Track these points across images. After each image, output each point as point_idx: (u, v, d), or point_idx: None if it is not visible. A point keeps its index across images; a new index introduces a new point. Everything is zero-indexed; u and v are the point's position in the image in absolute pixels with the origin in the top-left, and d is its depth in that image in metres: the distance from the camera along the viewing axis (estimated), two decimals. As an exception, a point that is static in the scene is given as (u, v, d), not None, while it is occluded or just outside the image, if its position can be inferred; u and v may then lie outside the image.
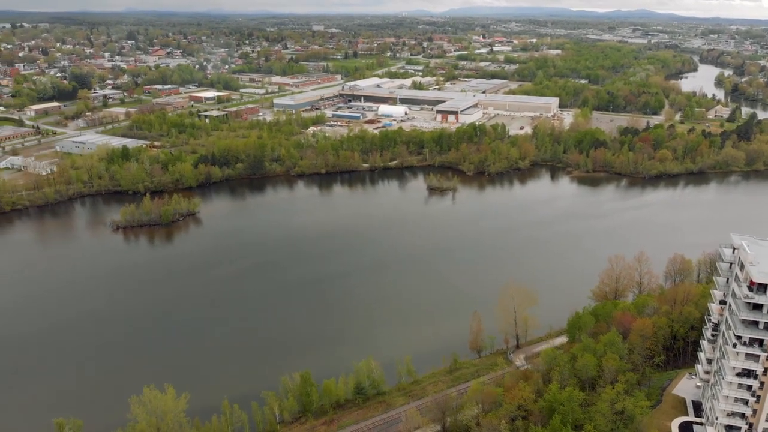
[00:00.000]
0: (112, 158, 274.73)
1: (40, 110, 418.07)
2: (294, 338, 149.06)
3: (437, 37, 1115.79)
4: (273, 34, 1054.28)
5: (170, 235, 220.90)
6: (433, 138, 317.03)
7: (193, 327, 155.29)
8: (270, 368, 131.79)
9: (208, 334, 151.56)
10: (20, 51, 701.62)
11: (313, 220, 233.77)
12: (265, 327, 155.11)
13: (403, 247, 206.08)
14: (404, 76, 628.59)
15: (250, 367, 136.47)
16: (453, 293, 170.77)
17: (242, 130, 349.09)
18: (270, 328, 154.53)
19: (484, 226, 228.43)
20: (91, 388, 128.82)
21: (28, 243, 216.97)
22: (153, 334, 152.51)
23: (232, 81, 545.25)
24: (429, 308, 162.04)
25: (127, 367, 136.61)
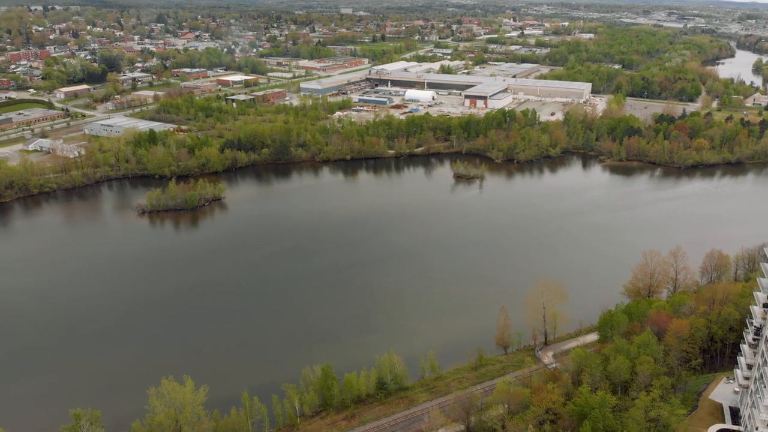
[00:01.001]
0: (138, 142, 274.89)
1: (69, 93, 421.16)
2: (315, 328, 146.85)
3: (467, 20, 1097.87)
4: (301, 17, 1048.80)
5: (195, 221, 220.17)
6: (460, 124, 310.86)
7: (214, 314, 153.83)
8: (291, 359, 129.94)
9: (230, 322, 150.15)
10: (51, 33, 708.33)
11: (338, 207, 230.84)
12: (287, 316, 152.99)
13: (428, 237, 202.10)
14: (432, 59, 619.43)
15: (270, 357, 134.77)
16: (479, 285, 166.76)
17: (269, 115, 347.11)
18: (291, 316, 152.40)
19: (513, 215, 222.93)
20: (109, 377, 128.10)
21: (55, 226, 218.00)
22: (173, 321, 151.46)
23: (259, 65, 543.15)
24: (454, 300, 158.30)
25: (146, 356, 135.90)
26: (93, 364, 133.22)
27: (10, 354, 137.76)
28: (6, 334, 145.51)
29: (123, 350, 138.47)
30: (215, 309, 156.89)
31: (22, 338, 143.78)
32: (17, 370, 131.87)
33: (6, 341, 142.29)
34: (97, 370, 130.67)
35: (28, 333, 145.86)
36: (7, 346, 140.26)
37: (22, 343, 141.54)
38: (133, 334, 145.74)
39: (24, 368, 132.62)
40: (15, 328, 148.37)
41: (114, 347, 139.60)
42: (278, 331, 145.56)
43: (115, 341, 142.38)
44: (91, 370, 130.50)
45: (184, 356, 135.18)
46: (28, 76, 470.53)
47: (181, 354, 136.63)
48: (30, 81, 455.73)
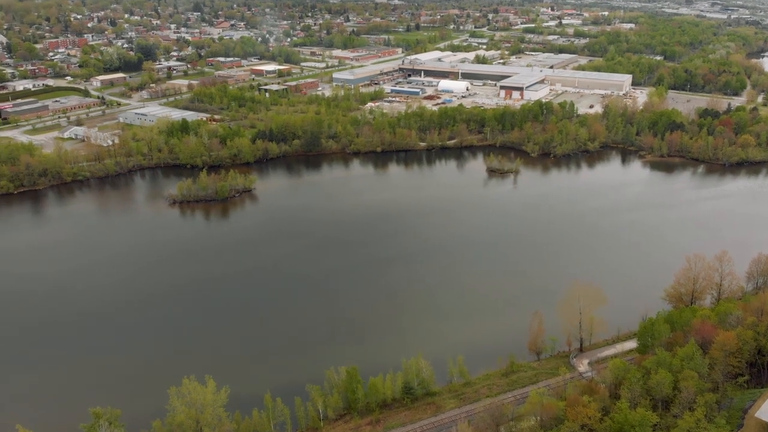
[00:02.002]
0: (171, 131, 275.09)
1: (105, 81, 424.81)
2: (340, 326, 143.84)
3: (503, 9, 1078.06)
4: (336, 6, 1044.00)
5: (225, 212, 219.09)
6: (495, 116, 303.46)
7: (238, 309, 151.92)
8: (314, 359, 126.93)
9: (253, 317, 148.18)
10: (89, 21, 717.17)
11: (367, 200, 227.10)
12: (311, 312, 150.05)
13: (458, 233, 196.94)
14: (467, 49, 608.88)
15: (293, 355, 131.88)
16: (512, 286, 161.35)
17: (301, 105, 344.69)
18: (316, 313, 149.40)
19: (548, 212, 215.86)
20: (129, 372, 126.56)
21: (86, 214, 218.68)
22: (197, 315, 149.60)
23: (293, 54, 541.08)
24: (484, 301, 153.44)
25: (167, 351, 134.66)
26: (113, 357, 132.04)
27: (31, 343, 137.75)
28: (28, 323, 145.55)
29: (144, 344, 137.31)
30: (239, 304, 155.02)
31: (43, 327, 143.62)
32: (37, 360, 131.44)
33: (28, 330, 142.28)
34: (117, 364, 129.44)
35: (50, 322, 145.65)
36: (29, 336, 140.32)
37: (43, 333, 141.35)
38: (156, 327, 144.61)
39: (44, 359, 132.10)
40: (37, 316, 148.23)
41: (135, 341, 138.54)
42: (302, 329, 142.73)
43: (136, 335, 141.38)
44: (111, 364, 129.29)
45: (206, 352, 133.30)
46: (65, 63, 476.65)
47: (202, 350, 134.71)
48: (67, 69, 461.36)
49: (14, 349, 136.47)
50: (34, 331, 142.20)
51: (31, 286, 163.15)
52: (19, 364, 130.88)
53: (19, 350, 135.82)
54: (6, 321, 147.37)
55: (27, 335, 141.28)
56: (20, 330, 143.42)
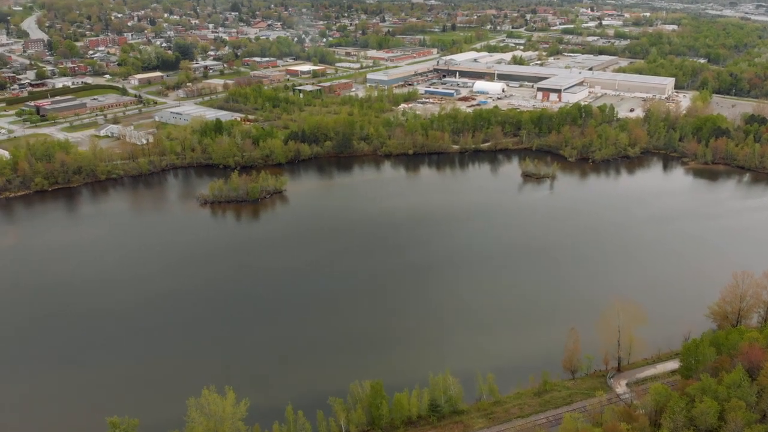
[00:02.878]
0: (205, 131, 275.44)
1: (143, 79, 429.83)
2: (365, 336, 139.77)
3: (541, 9, 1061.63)
4: (372, 6, 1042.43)
5: (256, 213, 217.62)
6: (531, 118, 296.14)
7: (262, 315, 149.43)
8: (337, 370, 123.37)
9: (277, 324, 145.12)
10: (129, 20, 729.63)
11: (397, 204, 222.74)
12: (337, 320, 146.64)
13: (491, 240, 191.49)
14: (504, 50, 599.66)
15: (315, 366, 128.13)
16: (546, 299, 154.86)
17: (334, 106, 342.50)
18: (341, 322, 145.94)
19: (586, 221, 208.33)
20: (147, 379, 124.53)
21: (117, 213, 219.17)
22: (219, 320, 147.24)
23: (328, 55, 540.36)
24: (517, 314, 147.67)
25: (187, 357, 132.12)
26: (132, 361, 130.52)
27: (51, 345, 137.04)
28: (48, 323, 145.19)
29: (164, 348, 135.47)
30: (263, 308, 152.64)
31: (63, 328, 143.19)
32: (55, 363, 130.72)
33: (47, 331, 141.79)
34: (136, 368, 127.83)
35: (71, 323, 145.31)
36: (48, 336, 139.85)
37: (62, 334, 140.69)
38: (177, 331, 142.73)
39: (62, 361, 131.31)
40: (58, 317, 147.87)
41: (155, 345, 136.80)
42: (325, 337, 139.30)
43: (157, 338, 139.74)
44: (130, 369, 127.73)
45: (227, 359, 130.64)
46: (104, 62, 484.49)
47: (223, 356, 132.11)
48: (106, 67, 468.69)
49: (32, 349, 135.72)
50: (54, 332, 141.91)
51: (55, 285, 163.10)
52: (39, 366, 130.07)
53: (39, 351, 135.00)
54: (24, 320, 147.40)
55: (47, 336, 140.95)
56: (39, 330, 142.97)
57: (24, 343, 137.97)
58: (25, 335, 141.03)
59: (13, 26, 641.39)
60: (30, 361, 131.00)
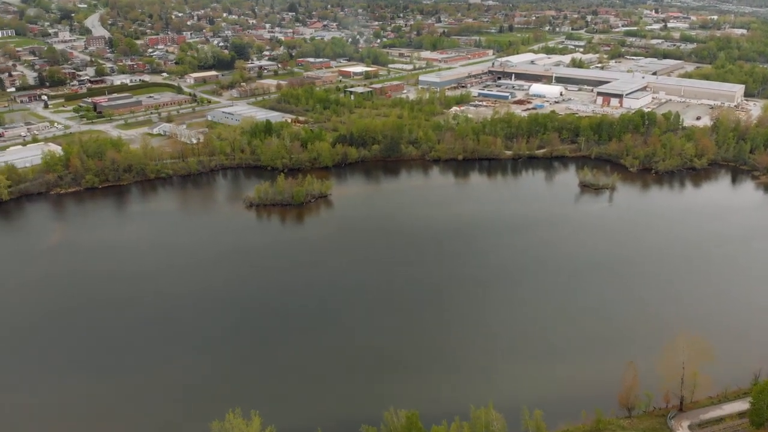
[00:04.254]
0: (254, 132, 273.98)
1: (198, 78, 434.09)
2: (402, 358, 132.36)
3: (603, 10, 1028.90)
4: (428, 6, 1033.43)
5: (300, 218, 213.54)
6: (591, 125, 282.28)
7: (294, 330, 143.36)
8: (371, 395, 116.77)
9: (309, 340, 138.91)
10: (189, 20, 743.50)
11: (443, 212, 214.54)
12: (371, 338, 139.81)
13: (542, 256, 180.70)
14: (563, 52, 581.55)
15: (348, 388, 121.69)
16: (602, 324, 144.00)
17: (384, 108, 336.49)
18: (378, 340, 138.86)
19: (647, 238, 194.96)
20: (172, 395, 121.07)
21: (162, 213, 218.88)
22: (249, 332, 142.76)
23: (381, 56, 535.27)
24: (568, 340, 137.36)
25: (213, 371, 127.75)
26: (157, 374, 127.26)
27: (73, 349, 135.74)
28: (73, 324, 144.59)
29: (190, 361, 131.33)
30: (296, 321, 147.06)
31: (87, 331, 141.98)
32: (73, 368, 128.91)
33: (70, 333, 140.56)
34: (160, 382, 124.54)
35: (96, 327, 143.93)
36: (72, 341, 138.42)
37: (86, 338, 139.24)
38: (205, 342, 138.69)
39: (81, 368, 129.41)
40: (86, 319, 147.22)
41: (182, 356, 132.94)
42: (359, 356, 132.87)
43: (184, 348, 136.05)
44: (154, 383, 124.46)
45: (253, 376, 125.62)
46: (162, 60, 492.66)
47: (250, 373, 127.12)
48: (164, 65, 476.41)
49: (53, 351, 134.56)
50: (77, 335, 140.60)
51: (91, 287, 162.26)
52: (56, 371, 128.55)
53: (58, 354, 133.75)
54: (51, 320, 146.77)
55: (69, 338, 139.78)
56: (63, 331, 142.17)
57: (48, 345, 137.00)
58: (52, 335, 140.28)
59: (77, 23, 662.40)
60: (48, 366, 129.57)
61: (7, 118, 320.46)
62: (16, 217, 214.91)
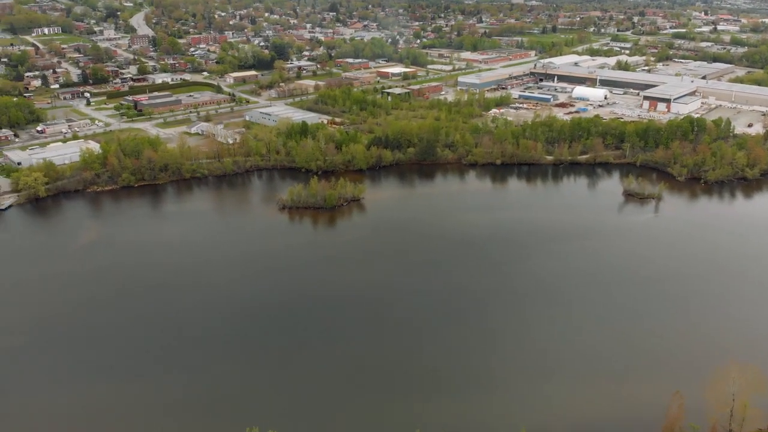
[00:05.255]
0: (290, 133, 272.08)
1: (238, 78, 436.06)
2: (433, 374, 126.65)
3: (650, 11, 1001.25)
4: (470, 7, 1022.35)
5: (332, 221, 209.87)
6: (636, 130, 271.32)
7: (319, 340, 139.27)
8: (399, 414, 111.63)
9: (335, 352, 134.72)
10: (231, 19, 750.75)
11: (479, 219, 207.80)
12: (399, 353, 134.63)
13: (583, 269, 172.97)
14: (608, 53, 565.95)
15: (374, 410, 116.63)
16: (645, 347, 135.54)
17: (421, 110, 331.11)
18: (404, 355, 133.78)
19: (695, 252, 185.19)
20: (194, 408, 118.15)
21: (196, 214, 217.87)
22: (271, 342, 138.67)
23: (420, 56, 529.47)
24: (608, 363, 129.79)
25: (231, 384, 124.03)
26: (174, 384, 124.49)
27: (94, 353, 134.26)
28: (95, 328, 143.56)
29: (210, 372, 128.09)
30: (322, 331, 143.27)
31: (110, 335, 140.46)
32: (92, 373, 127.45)
33: (93, 338, 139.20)
34: (174, 389, 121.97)
35: (116, 329, 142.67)
36: (92, 345, 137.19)
37: (107, 342, 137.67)
38: (222, 349, 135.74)
39: (100, 372, 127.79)
40: (114, 323, 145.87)
41: (202, 365, 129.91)
42: (387, 371, 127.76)
43: (204, 358, 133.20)
44: (167, 391, 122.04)
45: (273, 390, 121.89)
46: (204, 59, 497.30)
47: (270, 387, 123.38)
48: (205, 64, 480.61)
49: (74, 354, 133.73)
50: (99, 339, 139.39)
51: (118, 289, 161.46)
52: (73, 374, 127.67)
53: (77, 358, 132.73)
54: (76, 320, 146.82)
55: (91, 342, 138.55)
56: (86, 335, 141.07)
57: (72, 347, 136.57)
58: (77, 337, 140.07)
59: (122, 21, 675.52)
60: (65, 370, 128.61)
61: (49, 114, 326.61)
62: (51, 214, 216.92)
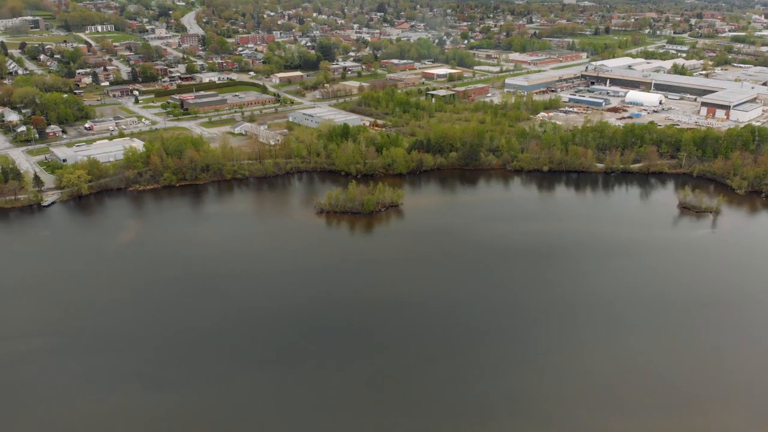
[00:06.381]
0: (331, 136, 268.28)
1: (283, 78, 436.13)
2: (483, 397, 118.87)
3: (708, 13, 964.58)
4: (519, 7, 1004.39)
5: (369, 227, 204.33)
6: (693, 139, 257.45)
7: (351, 358, 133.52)
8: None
9: (369, 368, 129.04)
10: (280, 19, 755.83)
11: (524, 230, 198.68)
12: (443, 371, 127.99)
13: (635, 286, 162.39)
14: (663, 57, 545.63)
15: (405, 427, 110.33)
16: (710, 377, 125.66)
17: (466, 113, 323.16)
18: (447, 374, 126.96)
19: (758, 271, 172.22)
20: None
21: (234, 216, 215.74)
22: (296, 358, 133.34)
23: (467, 57, 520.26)
24: (683, 395, 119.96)
25: (246, 398, 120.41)
26: (188, 390, 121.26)
27: (115, 359, 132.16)
28: (117, 333, 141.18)
29: (241, 381, 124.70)
30: (358, 346, 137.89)
31: (145, 342, 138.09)
32: (115, 381, 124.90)
33: (113, 346, 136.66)
34: (208, 403, 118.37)
35: (155, 337, 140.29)
36: (113, 353, 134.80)
37: (128, 349, 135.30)
38: (241, 363, 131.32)
39: (123, 380, 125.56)
40: (147, 327, 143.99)
41: (216, 377, 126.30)
42: (429, 393, 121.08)
43: (234, 367, 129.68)
44: (205, 403, 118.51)
45: (306, 408, 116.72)
46: (251, 59, 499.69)
47: (301, 404, 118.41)
48: (252, 64, 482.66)
49: (98, 361, 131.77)
50: (118, 348, 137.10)
51: (146, 293, 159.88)
52: (94, 383, 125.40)
53: (98, 364, 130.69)
54: (102, 322, 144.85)
55: (113, 349, 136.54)
56: (109, 341, 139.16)
57: (100, 351, 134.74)
58: (107, 342, 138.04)
59: (173, 20, 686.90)
60: (91, 376, 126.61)
61: (98, 112, 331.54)
62: (92, 211, 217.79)
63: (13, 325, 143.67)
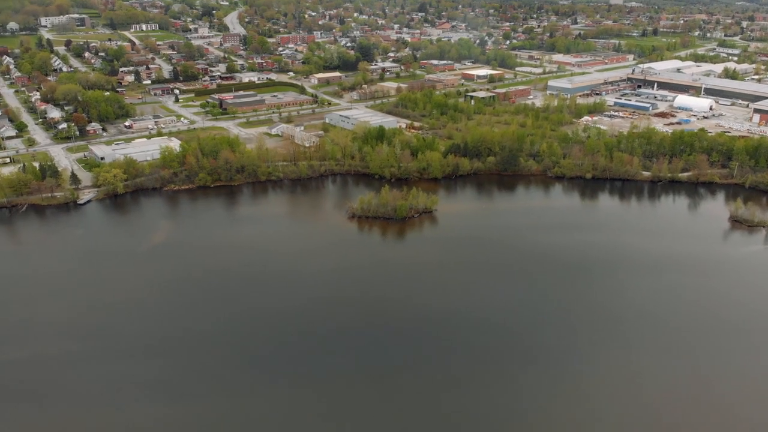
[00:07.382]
0: (366, 138, 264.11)
1: (322, 79, 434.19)
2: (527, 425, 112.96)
3: (760, 16, 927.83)
4: (564, 7, 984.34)
5: (401, 234, 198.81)
6: (746, 148, 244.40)
7: (379, 370, 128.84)
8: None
9: (394, 388, 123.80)
10: (320, 19, 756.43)
11: (563, 241, 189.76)
12: (478, 391, 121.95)
13: (685, 304, 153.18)
14: (714, 60, 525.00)
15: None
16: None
17: (506, 116, 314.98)
18: (484, 394, 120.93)
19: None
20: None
21: (265, 218, 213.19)
22: (316, 372, 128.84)
23: (508, 58, 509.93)
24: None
25: (272, 409, 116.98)
26: (233, 404, 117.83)
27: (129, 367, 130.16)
28: (137, 341, 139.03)
29: (271, 390, 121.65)
30: (385, 357, 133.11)
31: (171, 348, 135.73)
32: (125, 393, 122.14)
33: (131, 358, 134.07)
34: (237, 412, 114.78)
35: (182, 341, 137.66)
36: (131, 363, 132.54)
37: (146, 361, 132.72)
38: (253, 376, 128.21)
39: (142, 389, 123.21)
40: (175, 331, 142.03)
41: (228, 391, 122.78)
42: (465, 414, 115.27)
43: (263, 376, 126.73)
44: (238, 412, 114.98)
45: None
46: (291, 59, 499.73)
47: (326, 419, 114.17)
48: (291, 64, 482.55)
49: (113, 367, 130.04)
50: (134, 359, 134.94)
51: (167, 297, 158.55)
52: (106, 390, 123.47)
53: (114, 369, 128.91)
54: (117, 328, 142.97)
55: (134, 359, 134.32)
56: (127, 348, 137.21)
57: (125, 356, 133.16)
58: (131, 346, 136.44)
59: (216, 20, 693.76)
60: (118, 384, 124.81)
61: (138, 110, 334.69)
62: (127, 210, 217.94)
63: (43, 326, 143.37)
